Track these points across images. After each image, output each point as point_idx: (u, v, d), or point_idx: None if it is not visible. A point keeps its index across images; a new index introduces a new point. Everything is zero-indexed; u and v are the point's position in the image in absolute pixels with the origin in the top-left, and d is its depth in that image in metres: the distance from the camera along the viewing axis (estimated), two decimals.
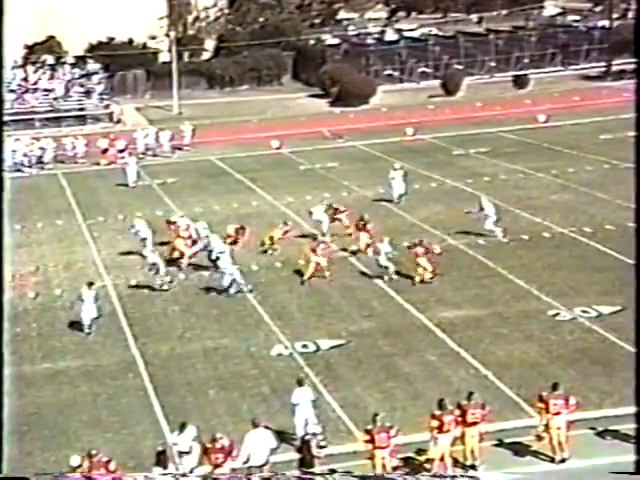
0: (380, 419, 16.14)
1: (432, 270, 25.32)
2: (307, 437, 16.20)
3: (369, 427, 16.12)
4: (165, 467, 15.60)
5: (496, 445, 16.92)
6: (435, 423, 16.11)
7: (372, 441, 15.99)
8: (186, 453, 16.27)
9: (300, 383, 17.63)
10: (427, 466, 16.31)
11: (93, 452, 15.47)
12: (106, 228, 32.49)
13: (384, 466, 16.01)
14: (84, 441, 17.63)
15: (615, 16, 67.68)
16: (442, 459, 16.17)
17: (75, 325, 23.76)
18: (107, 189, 39.08)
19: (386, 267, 25.56)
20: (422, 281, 25.20)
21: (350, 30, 78.52)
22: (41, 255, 30.24)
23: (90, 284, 23.97)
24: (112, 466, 15.30)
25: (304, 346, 21.86)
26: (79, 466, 15.28)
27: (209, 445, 15.89)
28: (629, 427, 16.89)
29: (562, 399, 16.46)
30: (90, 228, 32.83)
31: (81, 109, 54.87)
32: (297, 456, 16.46)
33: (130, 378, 20.86)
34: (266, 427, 16.45)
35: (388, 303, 24.31)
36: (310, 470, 15.83)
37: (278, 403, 18.91)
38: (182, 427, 16.48)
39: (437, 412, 16.22)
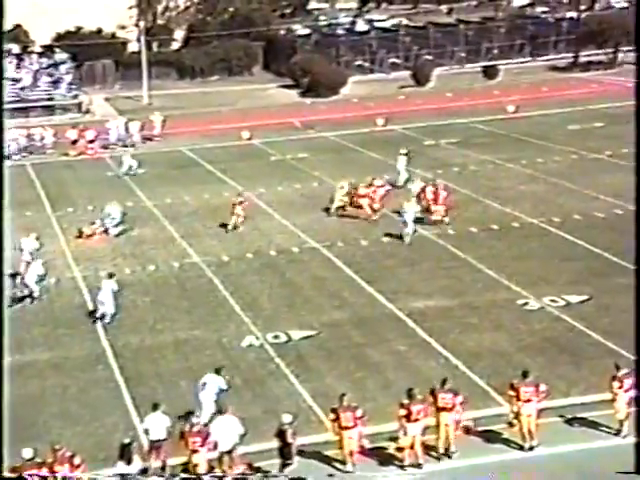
0: (347, 399, 16.31)
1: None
2: (284, 427, 16.26)
3: (335, 406, 16.26)
4: (129, 462, 15.48)
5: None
6: (403, 412, 16.21)
7: (337, 419, 16.12)
8: (162, 441, 16.27)
9: (217, 372, 18.24)
10: (398, 455, 16.41)
11: (57, 447, 15.37)
12: (75, 219, 32.24)
13: (351, 453, 16.11)
14: (53, 434, 17.53)
15: (582, 8, 68.14)
16: (412, 447, 16.27)
17: (44, 316, 23.61)
18: (76, 180, 38.79)
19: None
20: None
21: (320, 20, 78.28)
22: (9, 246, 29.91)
23: (110, 275, 23.84)
24: (77, 460, 15.20)
25: (275, 337, 21.88)
26: (32, 458, 15.16)
27: (186, 429, 15.94)
28: (596, 414, 17.19)
29: (532, 386, 16.64)
30: (59, 219, 32.58)
31: (49, 99, 54.36)
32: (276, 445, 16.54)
33: (100, 370, 20.76)
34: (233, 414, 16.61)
35: (359, 293, 24.39)
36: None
37: (250, 394, 18.96)
38: (155, 407, 16.63)
39: (405, 401, 16.32)
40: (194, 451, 15.85)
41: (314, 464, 16.35)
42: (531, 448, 16.49)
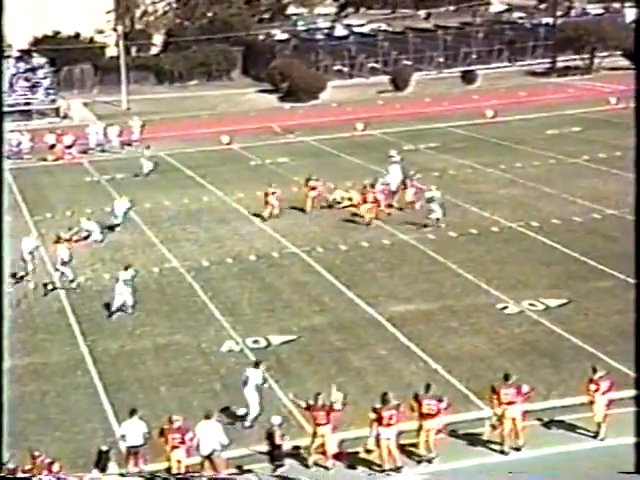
0: (322, 398, 16.40)
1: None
2: (273, 429, 16.30)
3: (311, 402, 16.34)
4: (104, 470, 15.38)
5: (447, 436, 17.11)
6: (373, 416, 16.24)
7: (312, 415, 16.24)
8: (139, 447, 16.20)
9: (257, 365, 18.47)
10: (369, 457, 16.42)
11: (36, 453, 15.26)
12: (54, 225, 32.02)
13: (324, 451, 16.11)
14: (32, 440, 17.41)
15: (559, 14, 68.67)
16: (389, 453, 16.27)
17: (22, 322, 23.45)
18: (55, 185, 38.56)
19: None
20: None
21: (299, 25, 78.34)
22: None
23: (126, 267, 24.33)
24: (55, 467, 15.10)
25: (255, 342, 21.85)
26: (7, 462, 15.06)
27: (166, 426, 15.92)
28: (575, 417, 17.30)
29: (513, 388, 16.72)
30: (37, 224, 32.37)
31: (27, 104, 54.00)
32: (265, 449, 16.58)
33: (79, 376, 20.65)
34: (218, 421, 16.61)
35: (339, 298, 24.40)
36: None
37: (229, 399, 18.89)
38: (132, 413, 16.60)
39: (378, 406, 16.34)
40: (174, 447, 15.84)
41: (298, 468, 16.35)
42: (518, 449, 16.55)
